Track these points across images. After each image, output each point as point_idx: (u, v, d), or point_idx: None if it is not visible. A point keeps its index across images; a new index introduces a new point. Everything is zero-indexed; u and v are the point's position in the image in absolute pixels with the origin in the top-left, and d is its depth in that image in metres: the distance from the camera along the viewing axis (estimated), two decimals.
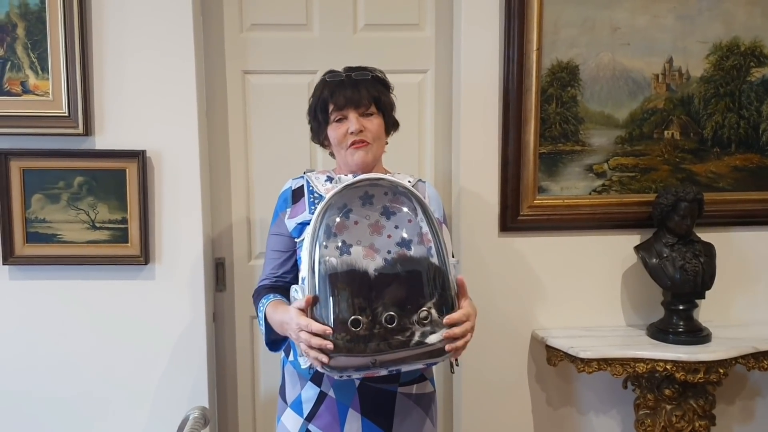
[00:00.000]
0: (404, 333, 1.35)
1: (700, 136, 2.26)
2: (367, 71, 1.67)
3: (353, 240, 1.37)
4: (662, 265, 2.13)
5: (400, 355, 1.35)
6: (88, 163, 2.06)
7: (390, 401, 1.61)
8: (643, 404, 2.19)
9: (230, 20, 2.19)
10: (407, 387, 1.63)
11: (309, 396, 1.62)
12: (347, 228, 1.38)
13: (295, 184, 1.74)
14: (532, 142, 2.18)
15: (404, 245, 1.38)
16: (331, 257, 1.36)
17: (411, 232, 1.40)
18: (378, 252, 1.37)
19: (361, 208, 1.40)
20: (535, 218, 2.22)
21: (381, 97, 1.65)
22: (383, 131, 1.68)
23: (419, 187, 1.68)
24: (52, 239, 2.08)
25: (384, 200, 1.41)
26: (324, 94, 1.65)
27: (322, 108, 1.66)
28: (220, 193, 2.25)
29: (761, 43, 2.24)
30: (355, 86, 1.62)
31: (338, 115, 1.63)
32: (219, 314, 2.28)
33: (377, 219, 1.40)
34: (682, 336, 2.11)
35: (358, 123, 1.61)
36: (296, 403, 1.65)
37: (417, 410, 1.64)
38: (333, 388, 1.60)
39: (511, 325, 2.25)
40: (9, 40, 2.02)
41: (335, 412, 1.59)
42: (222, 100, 2.22)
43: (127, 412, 2.16)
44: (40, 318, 2.12)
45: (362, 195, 1.41)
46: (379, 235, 1.39)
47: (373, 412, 1.59)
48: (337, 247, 1.36)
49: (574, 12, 2.16)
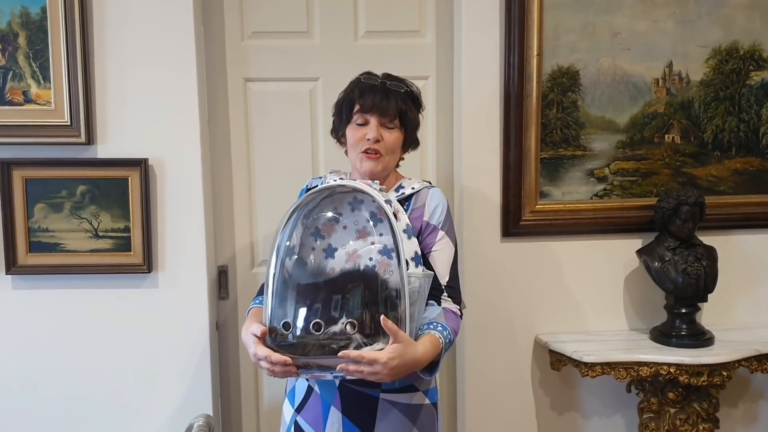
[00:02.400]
0: (339, 341, 1.37)
1: (700, 139, 2.27)
2: (403, 84, 1.66)
3: (339, 244, 1.43)
4: (665, 269, 2.14)
5: (330, 361, 1.38)
6: (90, 171, 2.06)
7: (371, 405, 1.59)
8: (647, 408, 2.19)
9: (231, 28, 2.20)
10: (391, 394, 1.60)
11: (300, 388, 1.66)
12: (336, 231, 1.43)
13: (311, 183, 1.79)
14: (533, 147, 2.19)
15: (386, 254, 1.41)
16: (288, 260, 1.43)
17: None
18: (360, 258, 1.41)
19: (350, 213, 1.44)
20: (537, 223, 2.22)
21: (408, 112, 1.65)
22: (400, 146, 1.67)
23: (422, 193, 1.68)
24: (55, 248, 2.08)
25: (372, 207, 1.45)
26: (354, 93, 1.65)
27: (348, 106, 1.65)
28: (223, 200, 2.25)
29: (760, 47, 2.25)
30: (385, 94, 1.62)
31: (361, 117, 1.63)
32: (222, 322, 2.28)
33: (364, 225, 1.44)
34: (685, 339, 2.12)
35: (377, 132, 1.60)
36: (291, 393, 1.70)
37: (402, 419, 1.60)
38: (318, 384, 1.62)
39: (514, 330, 2.25)
40: (10, 49, 2.02)
41: (320, 407, 1.62)
42: (224, 107, 2.22)
43: (131, 421, 2.15)
44: (43, 327, 2.12)
45: (351, 200, 1.45)
46: (364, 241, 1.43)
47: (354, 413, 1.59)
48: (323, 249, 1.42)
49: (575, 17, 2.17)
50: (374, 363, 1.35)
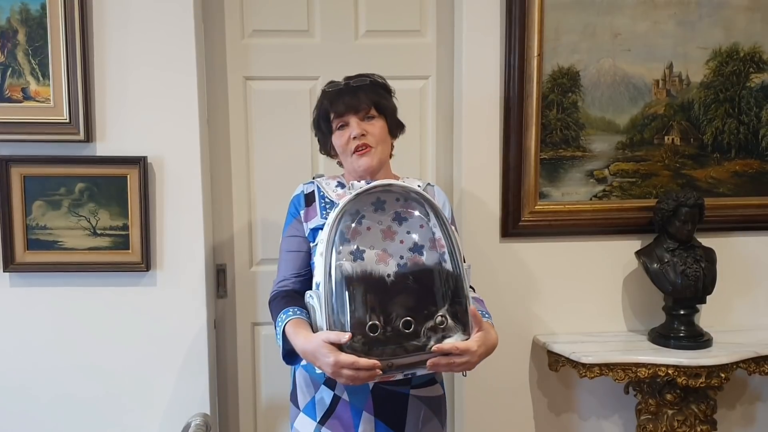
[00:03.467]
0: (420, 338, 1.38)
1: (700, 141, 2.27)
2: (365, 77, 1.68)
3: (366, 245, 1.40)
4: (663, 270, 2.14)
5: (416, 359, 1.38)
6: (89, 169, 2.06)
7: (402, 403, 1.62)
8: (645, 409, 2.19)
9: (232, 26, 2.19)
10: (419, 389, 1.64)
11: (322, 399, 1.63)
12: (360, 233, 1.41)
13: (306, 188, 1.75)
14: (533, 147, 2.18)
15: (416, 250, 1.42)
16: (346, 262, 1.38)
17: (423, 237, 1.43)
18: (391, 257, 1.40)
19: (373, 214, 1.43)
20: (536, 224, 2.22)
21: (381, 100, 1.67)
22: (387, 134, 1.69)
23: (428, 191, 1.70)
24: (53, 246, 2.08)
25: (396, 206, 1.44)
26: (324, 104, 1.68)
27: (324, 118, 1.68)
28: (222, 199, 2.24)
29: (760, 49, 2.25)
30: (353, 92, 1.64)
31: (340, 122, 1.65)
32: (220, 321, 2.28)
33: (389, 224, 1.43)
34: (684, 341, 2.12)
35: (360, 127, 1.62)
36: (309, 407, 1.65)
37: (428, 412, 1.65)
38: (347, 392, 1.61)
39: (512, 330, 2.24)
40: (10, 46, 2.01)
41: (349, 415, 1.61)
42: (223, 106, 2.22)
43: (128, 419, 2.15)
44: (40, 325, 2.11)
45: (374, 201, 1.44)
46: (392, 241, 1.42)
47: (385, 414, 1.60)
48: (351, 252, 1.39)
49: (575, 18, 2.17)
50: (465, 353, 1.39)
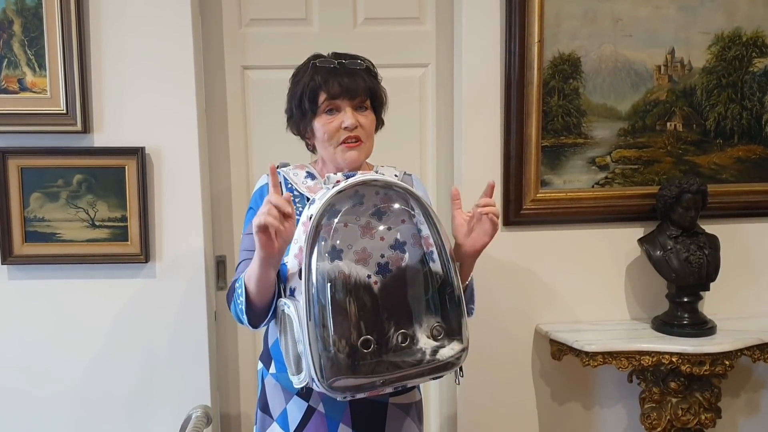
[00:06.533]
0: (415, 352, 1.27)
1: (702, 127, 2.25)
2: (359, 60, 1.52)
3: (344, 244, 1.26)
4: (666, 258, 2.12)
5: (410, 372, 1.28)
6: (86, 160, 2.04)
7: (381, 412, 1.54)
8: (649, 398, 2.18)
9: (229, 15, 2.17)
10: (398, 397, 1.56)
11: (295, 411, 1.53)
12: (337, 231, 1.27)
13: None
14: (534, 135, 2.16)
15: (398, 248, 1.29)
16: (326, 263, 1.25)
17: (405, 233, 1.31)
18: (370, 257, 1.27)
19: (350, 208, 1.29)
20: (538, 212, 2.20)
21: (377, 90, 1.53)
22: (373, 129, 1.55)
23: (406, 181, 1.49)
24: (51, 238, 2.06)
25: (375, 199, 1.31)
26: (314, 80, 1.47)
27: (311, 96, 1.48)
28: (221, 189, 2.23)
29: (763, 34, 2.23)
30: (350, 75, 1.47)
31: (330, 105, 1.47)
32: (220, 312, 2.27)
33: (368, 220, 1.29)
34: (687, 328, 2.10)
35: (354, 118, 1.47)
36: (282, 418, 1.54)
37: (406, 419, 1.58)
38: (323, 403, 1.51)
39: (514, 319, 2.23)
40: (5, 37, 2.00)
41: (325, 427, 1.51)
42: (221, 95, 2.20)
43: (129, 412, 2.14)
44: (39, 317, 2.10)
45: (352, 195, 1.30)
46: (371, 238, 1.28)
47: (364, 425, 1.51)
48: (327, 252, 1.25)
49: (576, 4, 2.14)
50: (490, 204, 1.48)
